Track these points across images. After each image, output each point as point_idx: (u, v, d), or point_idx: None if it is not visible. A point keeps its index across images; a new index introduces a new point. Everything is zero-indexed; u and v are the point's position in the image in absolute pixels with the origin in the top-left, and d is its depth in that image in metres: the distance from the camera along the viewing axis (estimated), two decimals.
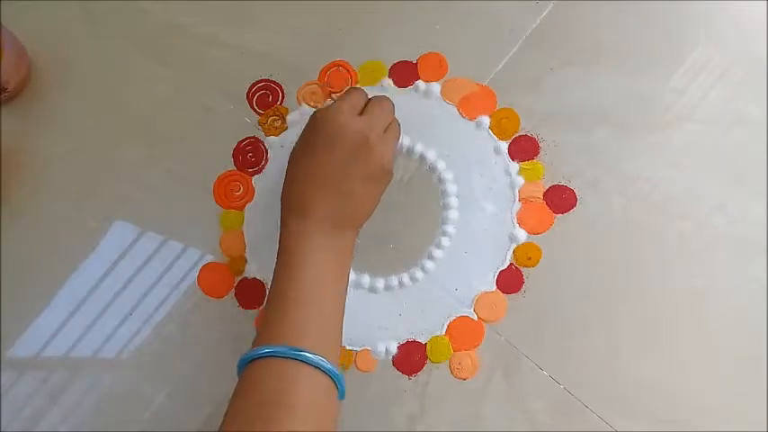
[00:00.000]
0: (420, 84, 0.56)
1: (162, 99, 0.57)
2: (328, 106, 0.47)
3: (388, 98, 0.49)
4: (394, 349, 0.53)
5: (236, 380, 0.52)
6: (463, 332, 0.52)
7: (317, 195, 0.45)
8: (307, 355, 0.40)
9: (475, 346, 0.52)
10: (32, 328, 0.54)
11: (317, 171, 0.46)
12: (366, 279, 0.54)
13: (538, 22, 0.56)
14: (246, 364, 0.41)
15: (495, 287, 0.53)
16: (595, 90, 0.55)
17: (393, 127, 0.49)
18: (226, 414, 0.40)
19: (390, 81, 0.56)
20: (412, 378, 0.52)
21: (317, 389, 0.40)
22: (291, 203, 0.47)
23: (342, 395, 0.42)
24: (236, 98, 0.57)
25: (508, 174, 0.54)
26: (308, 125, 0.48)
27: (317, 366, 0.40)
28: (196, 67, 0.58)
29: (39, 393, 0.53)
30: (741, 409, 0.50)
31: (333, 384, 0.41)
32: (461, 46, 0.56)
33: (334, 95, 0.56)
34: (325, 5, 0.58)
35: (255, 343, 0.42)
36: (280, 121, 0.57)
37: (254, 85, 0.57)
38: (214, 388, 0.52)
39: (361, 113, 0.47)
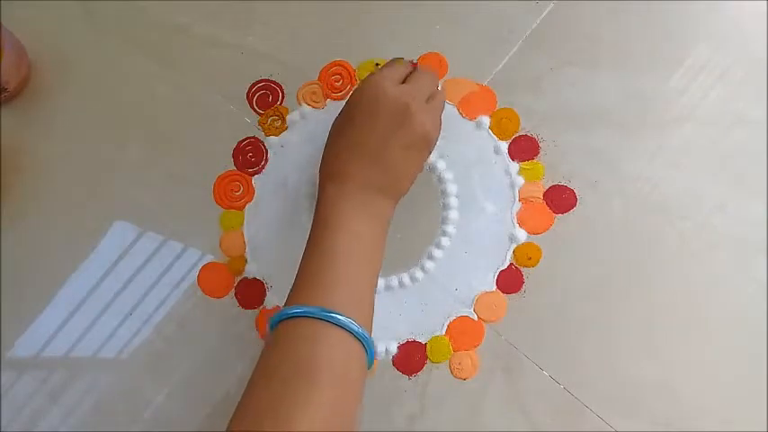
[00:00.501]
0: None
1: (162, 99, 0.57)
2: (370, 74, 0.47)
3: (433, 70, 0.49)
4: (394, 349, 0.53)
5: (236, 380, 0.53)
6: (463, 332, 0.52)
7: (356, 163, 0.45)
8: (338, 317, 0.39)
9: (475, 346, 0.52)
10: (32, 328, 0.54)
11: (356, 139, 0.45)
12: None
13: (538, 21, 0.56)
14: (278, 323, 0.41)
15: (495, 287, 0.53)
16: (595, 90, 0.55)
17: (438, 96, 0.48)
18: (254, 371, 0.40)
19: None
20: (412, 378, 0.52)
21: (347, 352, 0.39)
22: (330, 170, 0.46)
23: (371, 361, 0.42)
24: (236, 98, 0.57)
25: (508, 174, 0.54)
26: (351, 94, 0.47)
27: (347, 329, 0.39)
28: (196, 67, 0.58)
29: (39, 393, 0.53)
30: (741, 409, 0.50)
31: (362, 349, 0.40)
32: (461, 46, 0.56)
33: (378, 66, 0.56)
34: (326, 5, 0.58)
35: (288, 302, 0.42)
36: (280, 121, 0.57)
37: (254, 85, 0.57)
38: (214, 388, 0.52)
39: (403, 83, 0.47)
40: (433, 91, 0.48)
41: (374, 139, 0.45)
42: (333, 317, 0.39)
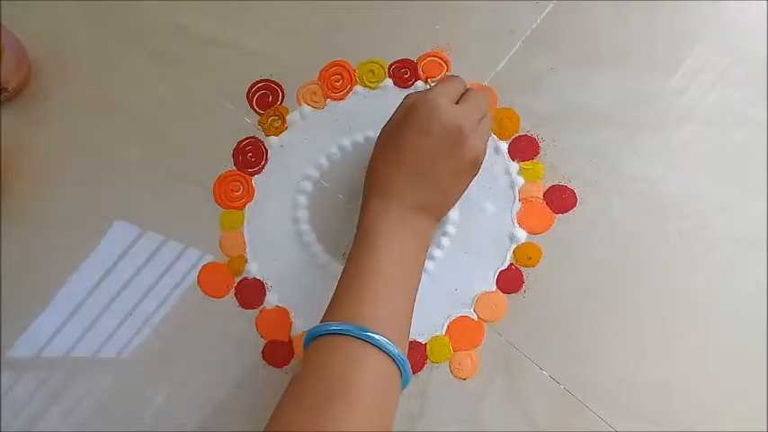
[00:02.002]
0: (420, 84, 0.56)
1: (162, 99, 0.57)
2: (425, 90, 0.46)
3: (486, 90, 0.48)
4: None
5: (237, 380, 0.53)
6: (463, 332, 0.52)
7: (404, 180, 0.44)
8: (375, 337, 0.39)
9: (475, 346, 0.52)
10: (32, 328, 0.54)
11: (406, 155, 0.44)
12: None
13: (538, 21, 0.56)
14: (313, 339, 0.40)
15: (495, 287, 0.53)
16: (595, 90, 0.55)
17: (486, 119, 0.47)
18: (289, 385, 0.39)
19: (390, 81, 0.56)
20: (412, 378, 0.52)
21: (382, 373, 0.39)
22: (377, 185, 0.46)
23: (406, 382, 0.41)
24: (236, 98, 0.57)
25: (508, 174, 0.54)
26: (402, 106, 0.46)
27: (384, 350, 0.39)
28: (196, 67, 0.58)
29: (39, 393, 0.53)
30: (741, 410, 0.50)
31: (397, 370, 0.40)
32: (462, 46, 0.56)
33: (431, 81, 0.56)
34: (326, 5, 0.58)
35: (325, 318, 0.41)
36: (279, 121, 0.57)
37: (253, 84, 0.57)
38: (214, 388, 0.52)
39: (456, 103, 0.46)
40: (484, 112, 0.47)
41: (425, 157, 0.44)
42: (370, 336, 0.39)
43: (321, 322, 0.41)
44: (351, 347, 0.39)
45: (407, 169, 0.45)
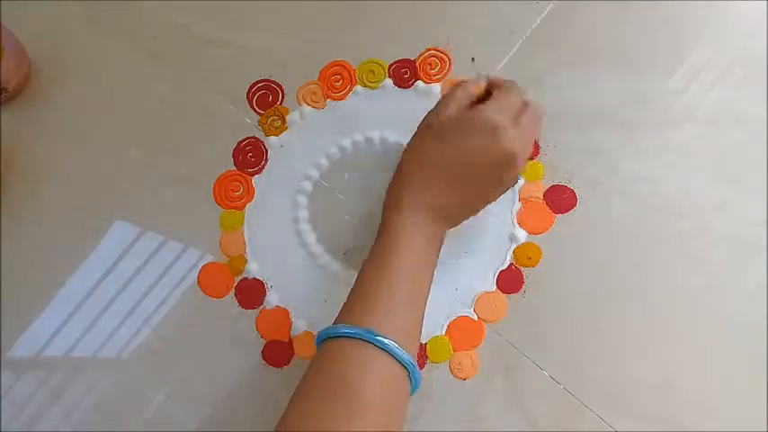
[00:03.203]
0: (420, 84, 0.56)
1: (162, 99, 0.57)
2: (489, 105, 0.43)
3: (511, 81, 0.45)
4: None
5: (237, 380, 0.53)
6: (463, 332, 0.52)
7: (433, 189, 0.43)
8: (386, 341, 0.39)
9: (475, 346, 0.52)
10: (32, 328, 0.54)
11: (437, 161, 0.43)
12: None
13: (538, 21, 0.56)
14: (324, 340, 0.40)
15: (495, 287, 0.53)
16: (595, 90, 0.55)
17: (528, 111, 0.44)
18: (298, 387, 0.40)
19: (390, 81, 0.56)
20: None
21: (391, 378, 0.39)
22: (406, 189, 0.44)
23: (415, 388, 0.41)
24: (236, 98, 0.57)
25: None
26: (435, 117, 0.44)
27: (394, 355, 0.39)
28: (196, 67, 0.58)
29: (39, 393, 0.53)
30: (742, 410, 0.50)
31: (406, 375, 0.40)
32: (462, 45, 0.56)
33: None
34: (326, 5, 0.58)
35: (338, 320, 0.42)
36: (280, 121, 0.57)
37: (253, 85, 0.57)
38: (214, 388, 0.52)
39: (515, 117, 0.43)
40: (537, 136, 0.45)
41: (469, 176, 0.43)
42: (380, 341, 0.39)
43: (335, 323, 0.42)
44: (361, 351, 0.39)
45: (437, 176, 0.43)
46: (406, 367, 0.40)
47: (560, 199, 0.54)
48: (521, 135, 0.42)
